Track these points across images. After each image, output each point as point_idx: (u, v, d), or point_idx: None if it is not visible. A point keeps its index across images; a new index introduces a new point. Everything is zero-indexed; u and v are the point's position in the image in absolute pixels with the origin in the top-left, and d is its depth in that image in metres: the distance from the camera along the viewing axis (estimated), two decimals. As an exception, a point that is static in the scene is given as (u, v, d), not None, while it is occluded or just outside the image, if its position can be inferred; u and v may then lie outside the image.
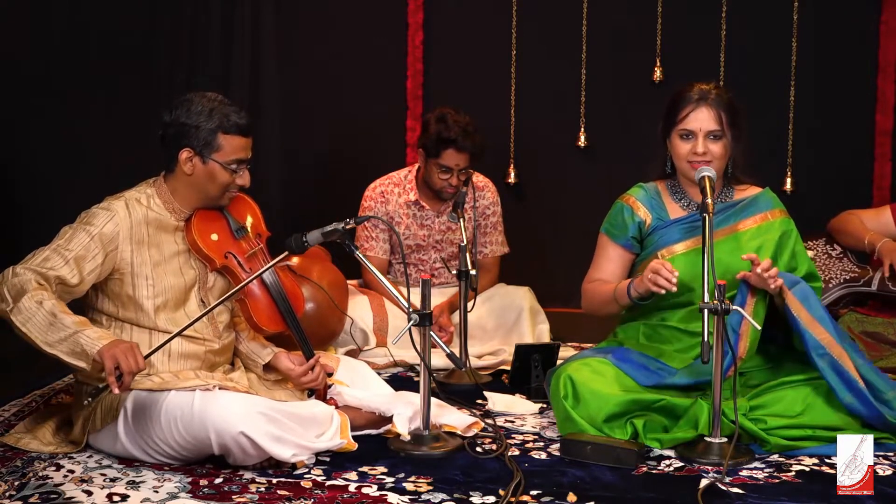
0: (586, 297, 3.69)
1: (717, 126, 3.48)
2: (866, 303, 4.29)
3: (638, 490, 2.98)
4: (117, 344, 2.95)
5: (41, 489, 2.91)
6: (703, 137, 3.48)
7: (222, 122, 3.25)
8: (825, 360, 3.28)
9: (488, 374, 4.35)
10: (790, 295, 3.34)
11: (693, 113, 3.49)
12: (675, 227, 3.58)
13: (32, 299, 3.00)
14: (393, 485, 2.99)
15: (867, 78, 5.12)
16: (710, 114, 3.48)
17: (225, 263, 3.34)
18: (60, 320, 2.98)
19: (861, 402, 3.24)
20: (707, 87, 3.52)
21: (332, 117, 5.39)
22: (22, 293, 3.02)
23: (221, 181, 3.29)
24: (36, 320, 2.99)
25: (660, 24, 5.22)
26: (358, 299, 4.55)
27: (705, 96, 3.50)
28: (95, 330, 3.02)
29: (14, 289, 3.04)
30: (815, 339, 3.30)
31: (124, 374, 2.91)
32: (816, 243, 4.43)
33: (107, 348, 2.93)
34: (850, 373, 3.27)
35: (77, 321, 3.01)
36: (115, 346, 2.94)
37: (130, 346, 2.96)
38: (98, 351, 2.93)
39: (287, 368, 3.43)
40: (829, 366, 3.27)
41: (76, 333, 2.97)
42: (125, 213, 3.22)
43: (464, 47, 5.35)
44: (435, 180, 4.56)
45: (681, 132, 3.51)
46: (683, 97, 3.52)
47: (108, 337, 3.00)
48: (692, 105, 3.50)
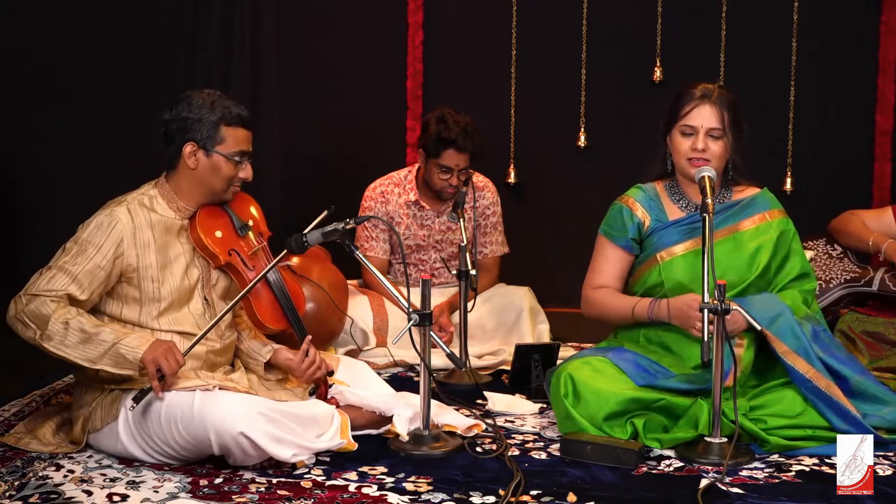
0: (593, 305, 3.65)
1: (719, 125, 3.48)
2: (866, 303, 4.28)
3: (638, 490, 2.98)
4: (157, 346, 3.05)
5: (41, 489, 2.91)
6: (704, 135, 3.48)
7: (224, 114, 3.26)
8: (813, 393, 3.32)
9: (488, 374, 4.35)
10: (769, 334, 3.37)
11: (696, 110, 3.49)
12: (673, 229, 3.58)
13: (58, 322, 3.05)
14: (393, 485, 2.99)
15: (867, 78, 5.12)
16: (712, 112, 3.48)
17: (228, 260, 3.35)
18: (95, 336, 3.05)
19: (857, 429, 3.24)
20: (711, 87, 3.52)
21: (332, 117, 5.40)
22: (45, 318, 3.05)
23: (225, 174, 3.29)
24: (69, 341, 3.05)
25: (660, 24, 5.22)
26: (358, 299, 4.55)
27: (709, 94, 3.50)
28: (133, 337, 3.08)
29: (34, 315, 3.07)
30: (800, 374, 3.33)
31: (166, 376, 3.02)
32: (817, 243, 4.42)
33: (148, 353, 3.03)
34: (841, 402, 3.30)
35: (112, 332, 3.08)
36: (155, 349, 3.03)
37: (169, 346, 3.06)
38: (140, 357, 3.02)
39: (286, 359, 3.43)
40: (818, 398, 3.31)
41: (116, 345, 3.04)
42: (128, 219, 3.22)
43: (464, 47, 5.35)
44: (435, 180, 4.56)
45: (682, 128, 3.51)
46: (687, 94, 3.53)
47: (146, 341, 3.07)
48: (695, 102, 3.50)
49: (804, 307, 3.52)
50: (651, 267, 3.57)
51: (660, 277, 3.55)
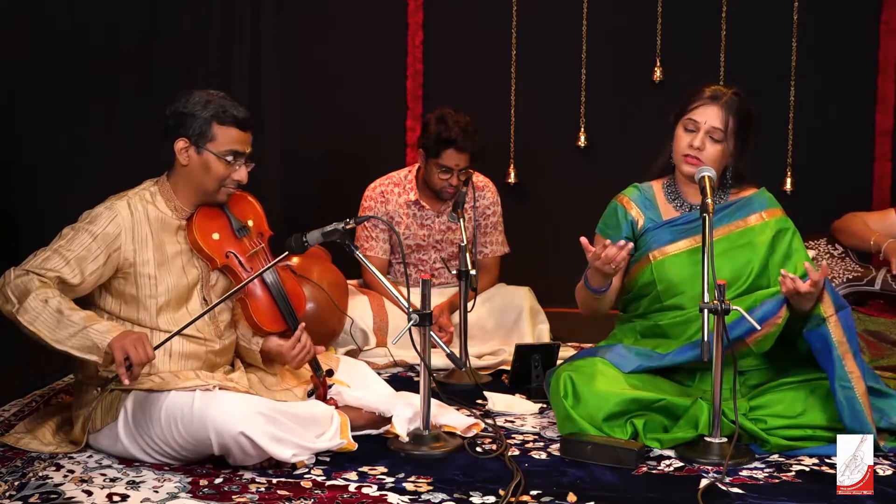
0: (577, 297, 3.66)
1: (721, 127, 3.47)
2: (867, 303, 4.29)
3: (638, 490, 2.98)
4: (127, 335, 3.00)
5: (41, 489, 2.91)
6: (704, 133, 3.48)
7: (217, 112, 3.25)
8: (845, 394, 3.23)
9: (488, 374, 4.35)
10: (834, 319, 3.28)
11: (702, 108, 3.49)
12: (666, 229, 3.58)
13: (38, 298, 3.02)
14: (393, 485, 2.99)
15: (867, 78, 5.12)
16: (717, 113, 3.48)
17: (226, 263, 3.34)
18: (68, 317, 3.01)
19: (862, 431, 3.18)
20: (725, 90, 3.53)
21: (332, 117, 5.39)
22: (26, 293, 3.03)
23: (216, 173, 3.28)
24: (43, 318, 3.01)
25: (660, 24, 5.22)
26: (358, 299, 4.55)
27: (719, 97, 3.50)
28: (104, 323, 3.05)
29: (18, 289, 3.05)
30: (844, 371, 3.24)
31: (134, 365, 2.97)
32: (818, 243, 4.43)
33: (116, 340, 2.98)
34: (865, 413, 3.21)
35: (85, 316, 3.04)
36: (124, 337, 2.99)
37: (139, 336, 3.01)
38: (108, 343, 2.97)
39: (277, 345, 3.41)
40: (846, 401, 3.22)
41: (85, 328, 3.00)
42: (127, 213, 3.22)
43: (464, 47, 5.35)
44: (435, 180, 4.56)
45: (686, 123, 3.51)
46: (699, 92, 3.54)
47: (116, 329, 3.03)
48: (704, 101, 3.50)
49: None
50: (643, 266, 3.58)
51: (652, 276, 3.55)
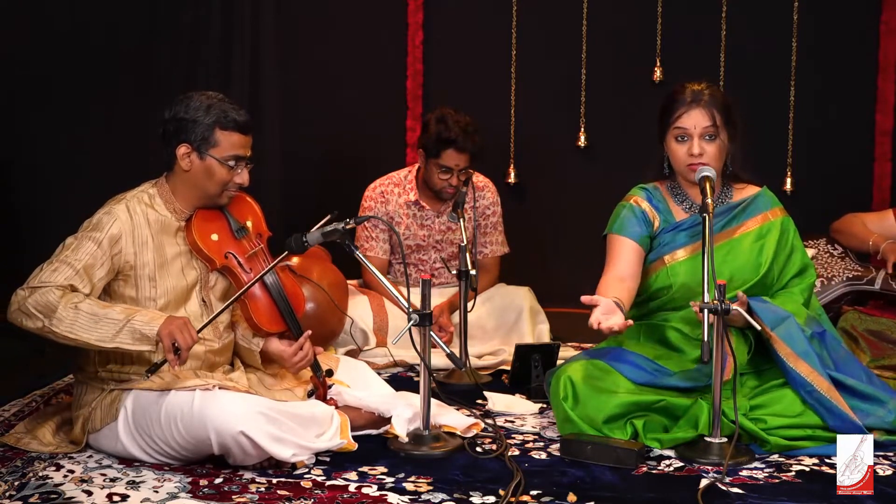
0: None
1: (711, 126, 3.47)
2: (867, 303, 4.29)
3: (638, 490, 2.98)
4: (172, 321, 3.06)
5: (41, 489, 2.91)
6: (698, 138, 3.47)
7: (219, 118, 3.25)
8: (813, 397, 3.32)
9: (488, 374, 4.35)
10: (774, 336, 3.37)
11: (686, 114, 3.48)
12: (679, 232, 3.57)
13: (66, 307, 3.03)
14: (393, 485, 2.99)
15: (867, 78, 5.12)
16: (703, 114, 3.47)
17: (225, 264, 3.34)
18: (105, 315, 3.05)
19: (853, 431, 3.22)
20: (699, 88, 3.51)
21: (332, 118, 5.40)
22: (51, 305, 3.04)
23: (219, 178, 3.28)
24: (80, 323, 3.03)
25: (660, 24, 5.22)
26: (358, 299, 4.55)
27: (698, 98, 3.48)
28: (144, 312, 3.09)
29: (39, 304, 3.05)
30: (801, 377, 3.33)
31: (182, 350, 3.03)
32: (817, 243, 4.43)
33: (164, 327, 3.04)
34: (840, 407, 3.29)
35: (121, 310, 3.08)
36: (170, 323, 3.05)
37: (183, 321, 3.07)
38: (157, 332, 3.03)
39: (279, 350, 3.41)
40: (816, 402, 3.31)
41: (129, 321, 3.04)
42: (126, 216, 3.22)
43: (464, 47, 5.36)
44: (435, 180, 4.56)
45: (675, 134, 3.50)
46: (676, 99, 3.51)
47: (159, 316, 3.08)
48: (685, 107, 3.48)
49: (804, 309, 3.51)
50: (658, 269, 3.56)
51: (668, 280, 3.54)
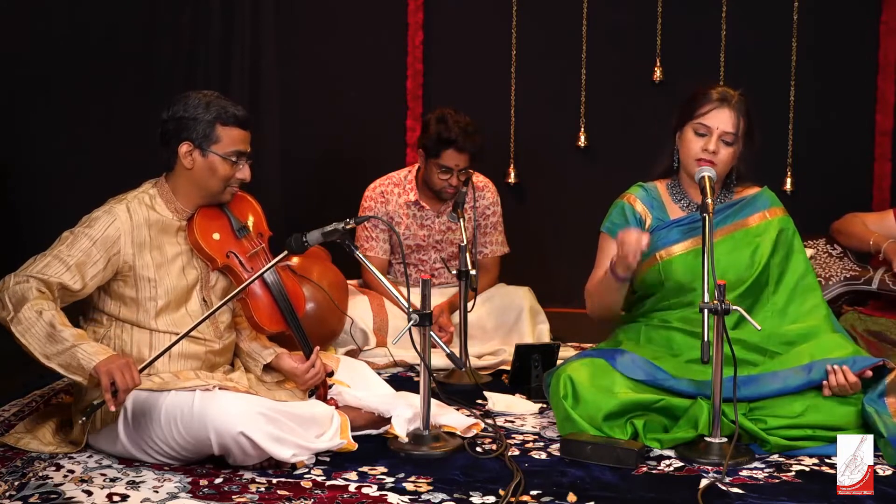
0: (589, 295, 3.62)
1: (734, 130, 3.47)
2: (866, 303, 4.29)
3: (638, 490, 2.98)
4: (114, 360, 2.96)
5: (41, 489, 2.91)
6: (717, 138, 3.47)
7: (220, 114, 3.25)
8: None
9: (488, 374, 4.35)
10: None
11: (714, 112, 3.47)
12: (673, 229, 3.58)
13: (32, 309, 3.00)
14: (393, 485, 2.99)
15: (867, 78, 5.12)
16: (730, 117, 3.47)
17: (226, 263, 3.34)
18: (59, 332, 2.99)
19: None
20: (732, 92, 3.51)
21: (332, 117, 5.39)
22: (23, 301, 3.02)
23: (222, 174, 3.28)
24: (35, 331, 2.99)
25: (660, 24, 5.22)
26: (358, 299, 4.55)
27: (729, 99, 3.49)
28: (93, 345, 3.01)
29: (15, 296, 3.04)
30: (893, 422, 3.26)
31: (119, 391, 2.93)
32: (817, 243, 4.43)
33: (103, 364, 2.94)
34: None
35: (75, 334, 3.01)
36: (111, 361, 2.95)
37: (127, 362, 2.96)
38: (94, 367, 2.94)
39: (291, 368, 3.42)
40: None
41: (73, 347, 2.97)
42: (126, 217, 3.22)
43: (464, 47, 5.35)
44: (435, 180, 4.56)
45: (697, 127, 3.49)
46: (707, 94, 3.51)
47: (105, 352, 2.99)
48: (715, 104, 3.48)
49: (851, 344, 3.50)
50: (651, 266, 3.57)
51: (660, 276, 3.55)
